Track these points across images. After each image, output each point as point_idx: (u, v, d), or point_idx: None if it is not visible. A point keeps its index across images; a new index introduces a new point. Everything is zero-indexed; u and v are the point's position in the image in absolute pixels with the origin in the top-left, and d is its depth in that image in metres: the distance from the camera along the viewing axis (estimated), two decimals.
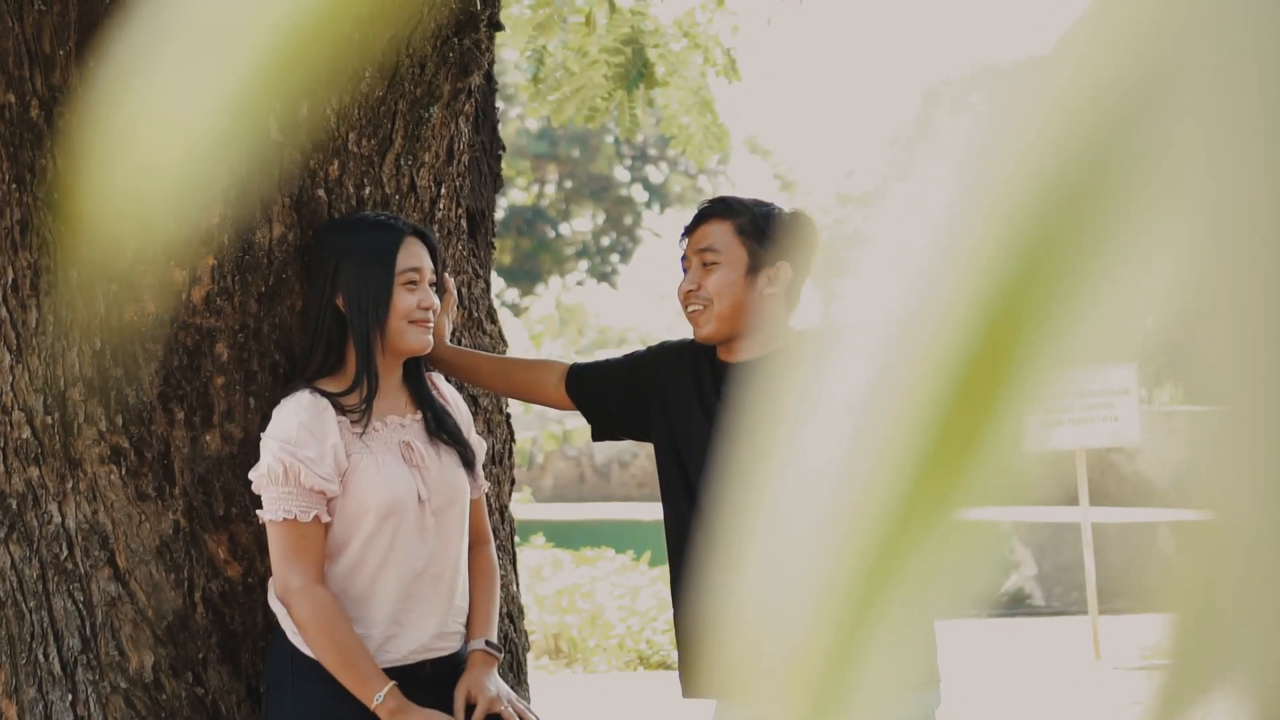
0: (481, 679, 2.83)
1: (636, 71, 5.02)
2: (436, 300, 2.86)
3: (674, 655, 9.15)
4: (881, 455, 0.35)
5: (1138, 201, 0.35)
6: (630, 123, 5.14)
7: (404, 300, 2.80)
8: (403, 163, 3.07)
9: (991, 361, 0.35)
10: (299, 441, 2.70)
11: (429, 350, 2.87)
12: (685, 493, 2.91)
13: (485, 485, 3.06)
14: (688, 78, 5.30)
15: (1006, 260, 0.35)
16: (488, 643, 2.90)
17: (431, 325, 2.85)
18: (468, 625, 2.94)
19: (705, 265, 2.89)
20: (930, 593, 0.35)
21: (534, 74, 5.21)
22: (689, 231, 2.96)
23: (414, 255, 2.82)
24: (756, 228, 2.88)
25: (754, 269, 2.88)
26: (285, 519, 2.70)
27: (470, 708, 2.80)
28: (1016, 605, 12.75)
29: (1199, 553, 0.34)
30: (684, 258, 2.96)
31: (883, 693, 0.35)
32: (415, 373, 2.92)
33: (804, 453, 0.37)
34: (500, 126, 3.96)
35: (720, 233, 2.89)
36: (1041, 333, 0.34)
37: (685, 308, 2.93)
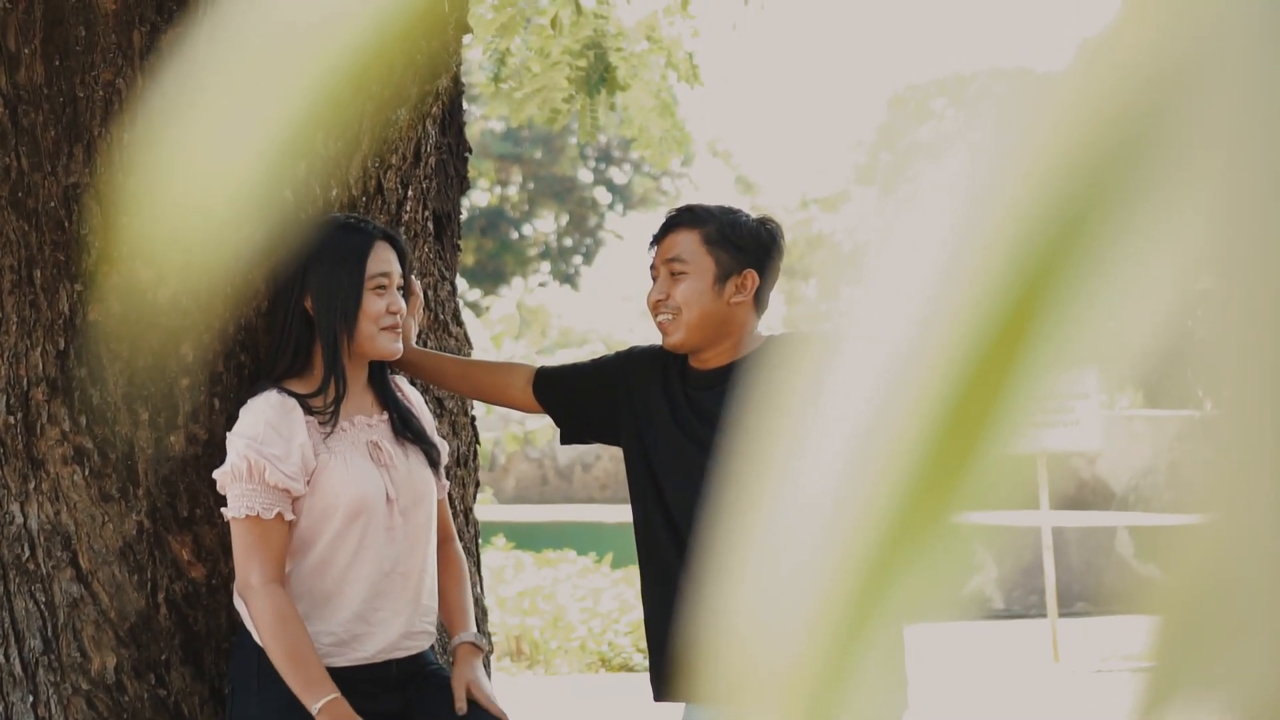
0: (476, 673, 2.87)
1: (598, 76, 5.03)
2: (404, 304, 2.87)
3: (636, 657, 9.17)
4: (866, 465, 0.36)
5: (1141, 209, 0.35)
6: (591, 126, 5.14)
7: (373, 304, 2.80)
8: (370, 165, 3.07)
9: (983, 370, 0.35)
10: (265, 439, 2.70)
11: (398, 355, 2.88)
12: (655, 498, 2.92)
13: (446, 485, 3.08)
14: (649, 81, 5.31)
15: (1003, 266, 0.36)
16: (473, 635, 2.95)
17: (400, 330, 2.86)
18: (448, 621, 2.99)
19: (673, 275, 2.91)
20: (911, 600, 0.36)
21: (494, 74, 5.21)
22: (657, 240, 2.97)
23: (383, 260, 2.82)
24: (724, 236, 2.90)
25: (722, 278, 2.89)
26: (248, 515, 2.70)
27: (470, 701, 2.84)
28: (977, 608, 12.81)
29: (1182, 556, 0.35)
30: (652, 266, 2.97)
31: (868, 699, 0.36)
32: (380, 374, 2.93)
33: (782, 462, 0.38)
34: (465, 127, 3.96)
35: (688, 242, 2.91)
36: (1036, 341, 0.35)
37: (654, 316, 2.94)
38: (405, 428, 2.90)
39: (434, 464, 2.94)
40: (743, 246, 2.90)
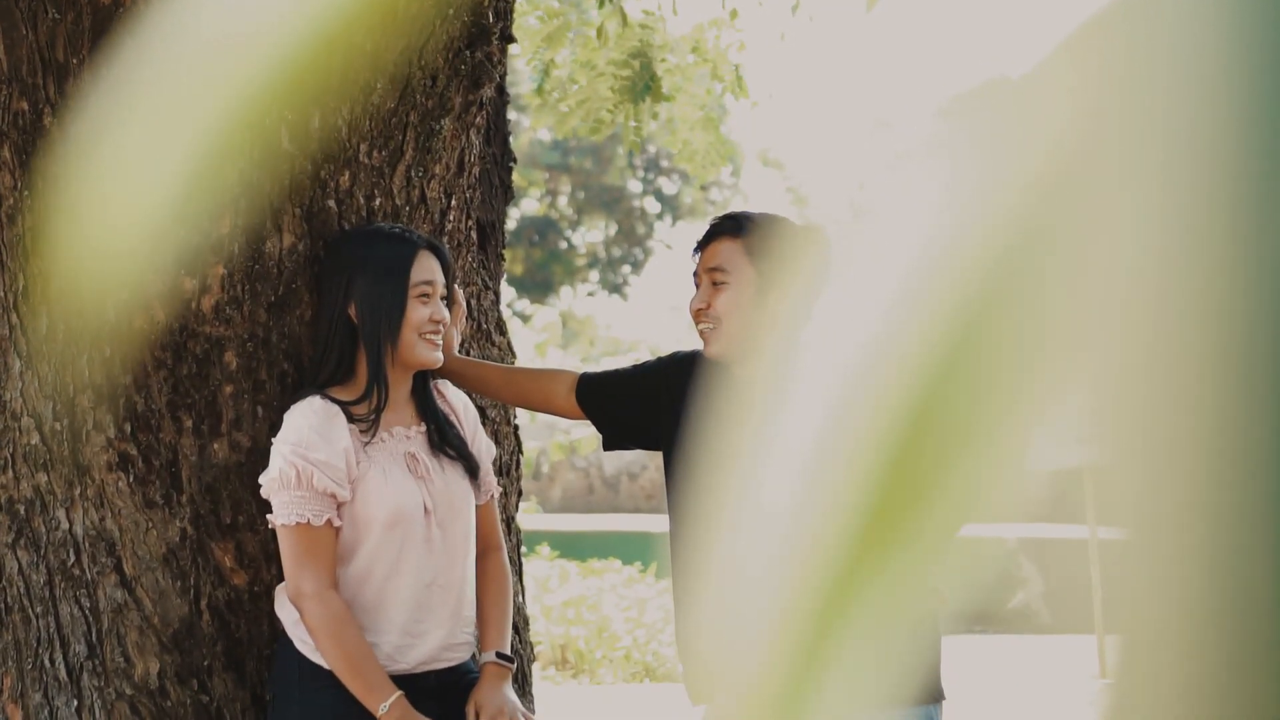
0: (491, 692, 2.84)
1: (643, 85, 5.03)
2: (447, 314, 2.88)
3: (680, 668, 9.15)
4: (846, 472, 0.35)
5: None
6: (635, 136, 5.15)
7: (416, 313, 2.81)
8: (413, 174, 3.08)
9: (961, 380, 0.35)
10: (310, 445, 2.71)
11: (439, 364, 2.88)
12: (690, 504, 2.91)
13: (496, 489, 3.06)
14: (695, 94, 5.31)
15: (984, 282, 0.35)
16: (499, 654, 2.90)
17: (441, 339, 2.86)
18: (480, 636, 2.95)
19: (715, 284, 2.89)
20: (910, 609, 0.35)
21: (539, 85, 5.23)
22: (700, 248, 2.96)
23: (427, 269, 2.83)
24: (766, 246, 2.88)
25: (763, 288, 2.87)
26: (298, 523, 2.70)
27: None
28: (1023, 622, 12.72)
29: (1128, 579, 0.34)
30: (695, 273, 2.96)
31: (848, 708, 0.35)
32: (422, 386, 2.93)
33: (773, 465, 0.37)
34: (513, 137, 3.97)
35: (730, 251, 2.89)
36: (1014, 353, 0.35)
37: (695, 324, 2.94)
38: (443, 441, 2.90)
39: (473, 474, 2.93)
40: (786, 255, 2.89)
